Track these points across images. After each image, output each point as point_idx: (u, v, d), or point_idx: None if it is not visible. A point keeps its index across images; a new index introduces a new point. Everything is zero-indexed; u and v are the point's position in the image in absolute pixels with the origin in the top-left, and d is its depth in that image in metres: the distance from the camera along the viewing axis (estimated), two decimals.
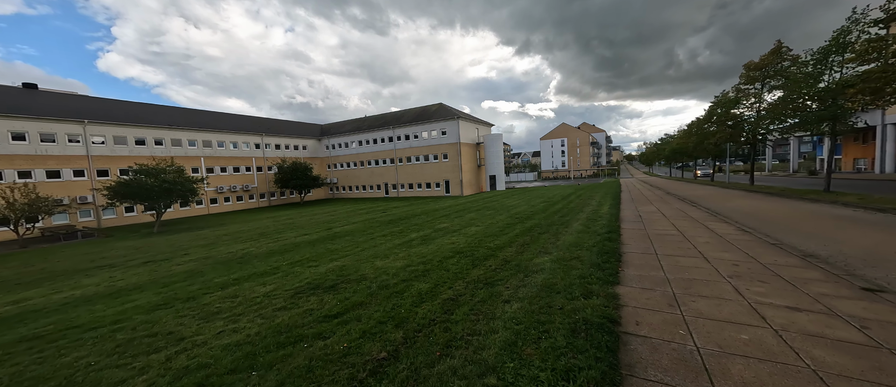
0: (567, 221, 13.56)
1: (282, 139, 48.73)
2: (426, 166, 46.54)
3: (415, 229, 14.39)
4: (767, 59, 25.31)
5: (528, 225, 13.18)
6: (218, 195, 40.75)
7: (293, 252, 11.52)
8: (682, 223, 11.79)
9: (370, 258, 9.45)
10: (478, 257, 8.50)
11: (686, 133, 43.84)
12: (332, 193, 54.78)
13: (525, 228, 12.39)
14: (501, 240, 10.52)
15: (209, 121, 42.53)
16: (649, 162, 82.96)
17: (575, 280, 6.05)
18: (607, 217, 13.52)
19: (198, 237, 19.33)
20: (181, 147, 38.04)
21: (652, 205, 17.89)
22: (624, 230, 10.86)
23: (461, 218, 17.13)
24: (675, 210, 15.29)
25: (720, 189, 27.47)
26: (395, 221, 17.61)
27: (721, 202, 18.05)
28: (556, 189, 38.59)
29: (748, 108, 26.68)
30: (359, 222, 18.44)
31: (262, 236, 16.63)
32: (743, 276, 6.04)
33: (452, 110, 46.79)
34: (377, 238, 12.87)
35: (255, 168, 44.85)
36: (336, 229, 16.32)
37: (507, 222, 14.40)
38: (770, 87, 25.69)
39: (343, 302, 6.04)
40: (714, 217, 12.85)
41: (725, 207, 15.87)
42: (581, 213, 15.78)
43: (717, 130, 30.00)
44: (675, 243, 8.86)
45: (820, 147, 55.31)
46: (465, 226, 14.36)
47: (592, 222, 12.52)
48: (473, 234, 12.15)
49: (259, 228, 20.79)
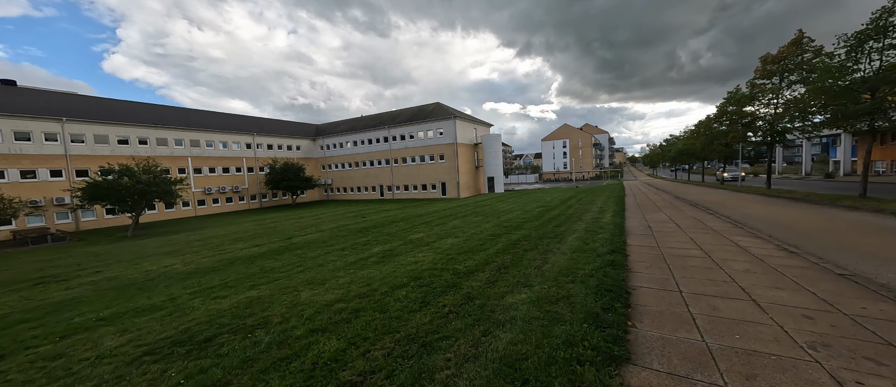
0: (562, 233, 11.16)
1: (274, 139, 46.70)
2: (422, 167, 44.25)
3: (383, 241, 12.07)
4: (787, 51, 22.67)
5: (514, 237, 10.81)
6: (206, 196, 38.78)
7: (219, 272, 9.25)
8: (704, 238, 9.34)
9: (301, 286, 7.15)
10: (436, 289, 6.16)
11: (693, 133, 41.12)
12: (326, 194, 52.67)
13: (510, 242, 10.02)
14: (476, 259, 8.17)
15: (198, 120, 40.60)
16: (653, 164, 79.96)
17: (557, 350, 3.68)
18: (610, 229, 11.09)
19: (166, 243, 17.30)
20: (167, 147, 36.11)
21: (662, 212, 15.40)
22: (631, 249, 8.45)
23: (443, 226, 14.78)
24: (690, 219, 12.81)
25: (734, 193, 24.84)
26: (366, 230, 15.29)
27: (740, 209, 15.52)
28: (555, 192, 36.08)
29: (765, 104, 24.02)
30: (326, 230, 16.15)
31: (215, 246, 14.44)
32: (834, 347, 3.63)
33: (449, 109, 44.47)
34: (332, 253, 10.57)
35: (246, 169, 42.85)
36: (296, 239, 14.03)
37: (493, 233, 12.04)
38: (789, 82, 23.05)
39: (191, 380, 3.74)
40: (739, 229, 10.38)
41: (747, 215, 13.35)
42: (579, 221, 13.36)
43: (729, 129, 27.36)
44: (703, 272, 6.44)
45: (833, 148, 52.08)
46: (443, 237, 12.02)
47: (592, 236, 10.11)
48: (447, 249, 9.81)
49: (232, 234, 18.76)
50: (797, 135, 23.24)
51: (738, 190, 26.62)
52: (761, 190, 24.29)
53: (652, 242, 9.06)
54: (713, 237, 9.39)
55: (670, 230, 10.71)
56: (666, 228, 11.22)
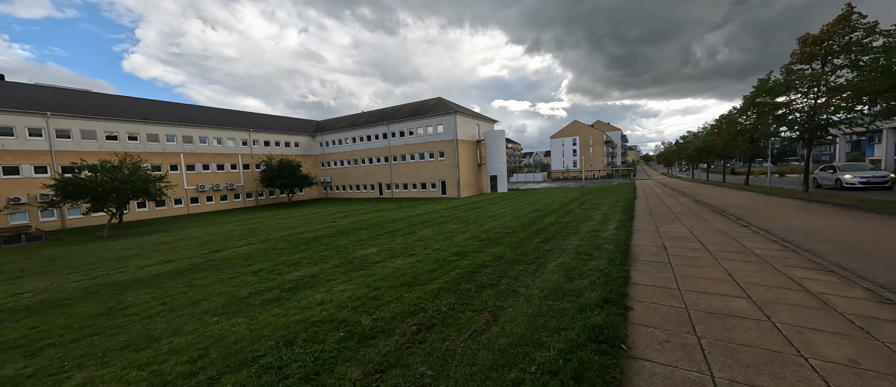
0: (545, 254, 8.19)
1: (272, 135, 44.77)
2: (421, 165, 41.54)
3: (317, 259, 9.34)
4: (832, 30, 18.77)
5: (480, 260, 7.91)
6: (199, 194, 37.10)
7: (75, 305, 6.73)
8: (748, 273, 6.22)
9: (110, 352, 4.50)
10: (291, 376, 3.39)
11: (714, 129, 36.93)
12: (325, 192, 50.58)
13: (469, 270, 7.14)
14: (403, 303, 5.35)
15: (191, 115, 38.90)
16: (669, 162, 74.85)
17: None
18: (610, 250, 8.03)
19: (131, 247, 15.35)
20: (158, 142, 34.48)
21: (680, 222, 12.15)
22: (636, 294, 5.43)
23: (409, 237, 11.97)
24: (719, 234, 9.59)
25: (763, 196, 21.11)
26: (317, 240, 12.56)
27: (778, 218, 12.12)
28: (559, 193, 32.68)
29: (803, 93, 20.14)
30: (273, 240, 13.44)
31: (180, 249, 12.06)
32: None
33: (451, 104, 41.51)
34: (234, 279, 7.90)
35: (241, 166, 41.03)
36: (222, 253, 11.41)
37: (458, 250, 9.16)
38: (833, 67, 19.16)
39: None
40: (794, 254, 7.19)
41: (792, 230, 10.02)
42: (574, 235, 10.31)
43: (757, 123, 23.48)
44: (769, 362, 3.42)
45: (870, 146, 46.65)
46: (396, 254, 9.22)
47: (583, 263, 7.12)
48: (382, 277, 7.02)
49: (204, 236, 16.98)
50: (843, 129, 19.35)
51: (768, 193, 22.82)
52: (796, 193, 20.47)
53: (668, 280, 6.01)
54: (761, 270, 6.26)
55: (694, 255, 7.59)
56: (688, 250, 8.09)
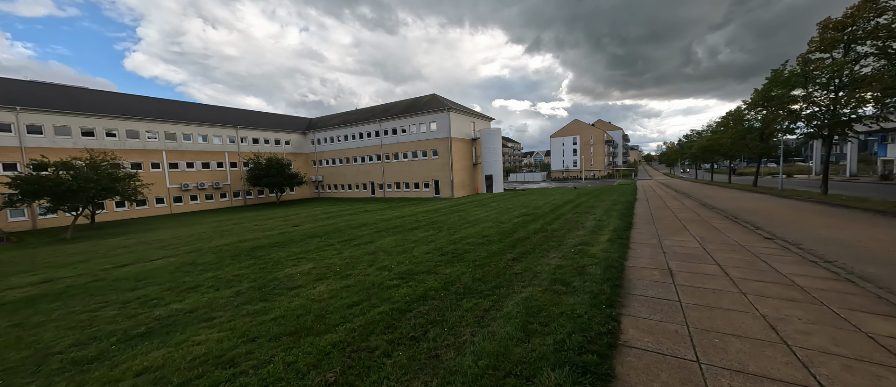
0: (512, 279, 6.20)
1: (261, 133, 42.94)
2: (414, 164, 39.56)
3: (224, 283, 7.38)
4: (857, 13, 16.57)
5: (425, 286, 5.94)
6: (183, 193, 35.34)
7: None
8: (799, 322, 4.19)
9: None
10: None
11: (720, 127, 34.70)
12: (317, 191, 48.74)
13: (406, 302, 5.18)
14: (269, 374, 3.42)
15: (175, 111, 37.15)
16: (671, 162, 72.40)
17: None
18: (597, 276, 6.00)
19: (85, 251, 13.65)
20: (139, 139, 32.73)
21: (687, 232, 10.09)
22: (628, 365, 3.44)
23: (361, 248, 10.02)
24: (737, 248, 7.55)
25: (776, 199, 18.95)
26: (251, 253, 10.57)
27: (803, 227, 10.04)
28: (554, 194, 30.56)
29: (823, 85, 17.94)
30: (201, 252, 11.55)
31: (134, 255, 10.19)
32: None
33: (444, 101, 39.48)
34: (68, 318, 6.02)
35: (228, 164, 39.23)
36: (126, 269, 9.52)
37: (408, 269, 7.20)
38: (856, 56, 16.97)
39: None
40: (850, 281, 5.15)
41: (828, 242, 7.94)
42: (556, 249, 8.30)
43: (769, 119, 21.28)
44: None
45: (882, 146, 44.22)
46: (328, 275, 7.27)
47: (556, 298, 5.11)
48: (280, 315, 5.09)
49: (169, 239, 15.32)
50: (869, 125, 17.16)
51: (780, 195, 20.64)
52: (815, 196, 18.29)
53: (679, 338, 3.99)
54: (817, 319, 4.23)
55: (713, 287, 5.56)
56: (702, 277, 6.06)
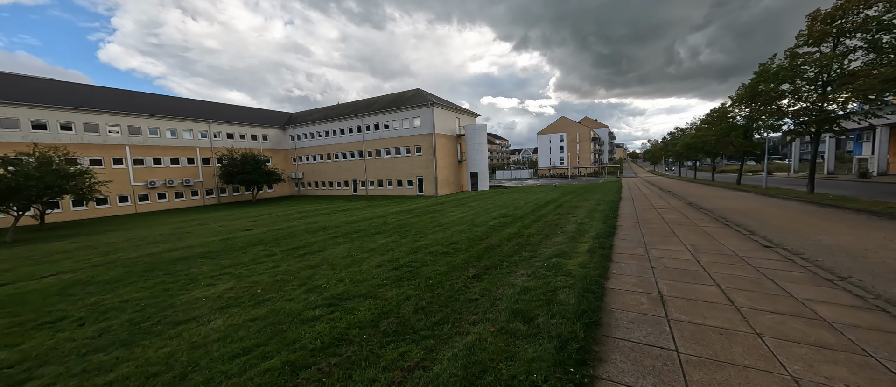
0: (462, 310, 4.96)
1: (237, 127, 40.72)
2: (397, 161, 38.06)
3: (108, 312, 5.94)
4: (847, 5, 15.85)
5: (345, 323, 4.66)
6: (149, 191, 33.08)
7: None
8: (843, 383, 3.06)
9: None
10: None
11: (705, 125, 34.23)
12: (297, 189, 46.78)
13: (322, 343, 3.88)
14: None
15: (140, 103, 34.71)
16: (655, 160, 72.60)
17: None
18: (570, 308, 4.76)
19: (14, 257, 11.72)
20: (98, 133, 30.32)
21: (676, 238, 9.02)
22: None
23: (306, 259, 8.64)
24: (737, 262, 6.47)
25: (762, 198, 18.26)
26: (170, 266, 8.96)
27: (801, 231, 9.10)
28: (538, 193, 29.49)
29: (810, 81, 17.22)
30: (104, 265, 10.05)
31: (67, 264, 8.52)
32: None
33: (428, 96, 38.03)
34: None
35: (200, 160, 37.01)
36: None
37: (341, 292, 5.88)
38: (845, 50, 16.26)
39: None
40: (885, 311, 4.08)
41: (835, 252, 6.93)
42: (527, 263, 7.09)
43: (755, 115, 20.58)
44: None
45: (858, 144, 44.79)
46: (226, 306, 5.88)
47: (511, 345, 3.89)
48: (143, 363, 3.73)
49: (119, 243, 13.53)
50: (858, 121, 16.51)
51: (766, 193, 20.02)
52: (801, 195, 17.63)
53: None
54: (862, 374, 3.10)
55: (719, 324, 4.40)
56: (701, 306, 4.90)
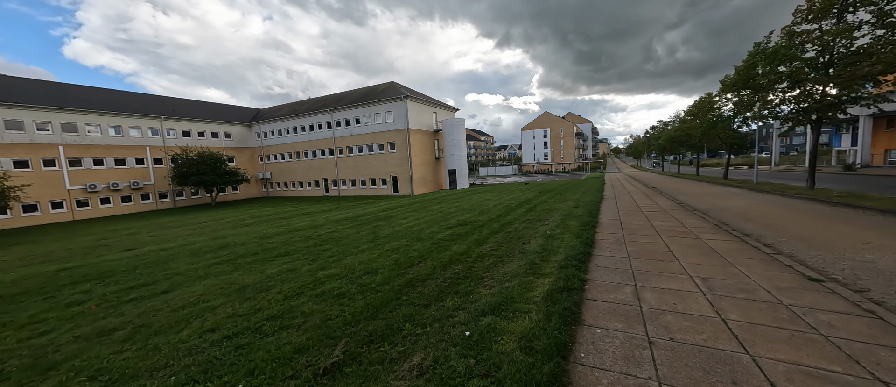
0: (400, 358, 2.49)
1: (193, 124, 37.04)
2: (369, 159, 35.24)
3: None
4: None
5: None
6: (89, 195, 29.37)
7: None
8: None
9: None
10: None
11: (689, 117, 32.65)
12: (266, 190, 43.40)
13: None
14: None
15: (77, 97, 30.85)
16: (638, 154, 71.75)
17: None
18: None
19: None
20: (24, 132, 26.48)
21: (678, 265, 6.76)
22: None
23: (138, 305, 6.03)
24: (790, 323, 4.22)
25: (758, 195, 16.42)
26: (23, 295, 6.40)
27: (833, 245, 6.97)
28: (513, 192, 27.16)
29: (811, 62, 15.36)
30: None
31: None
32: None
33: (402, 89, 35.28)
34: None
35: (151, 160, 33.32)
36: None
37: (233, 331, 3.36)
38: (849, 27, 14.39)
39: None
40: None
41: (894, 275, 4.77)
42: (448, 321, 4.67)
43: (750, 102, 18.74)
44: None
45: (837, 136, 44.42)
46: None
47: None
48: None
49: (26, 256, 10.14)
50: (869, 104, 14.72)
51: (758, 189, 18.26)
52: (801, 191, 15.83)
53: None
54: None
55: None
56: None
